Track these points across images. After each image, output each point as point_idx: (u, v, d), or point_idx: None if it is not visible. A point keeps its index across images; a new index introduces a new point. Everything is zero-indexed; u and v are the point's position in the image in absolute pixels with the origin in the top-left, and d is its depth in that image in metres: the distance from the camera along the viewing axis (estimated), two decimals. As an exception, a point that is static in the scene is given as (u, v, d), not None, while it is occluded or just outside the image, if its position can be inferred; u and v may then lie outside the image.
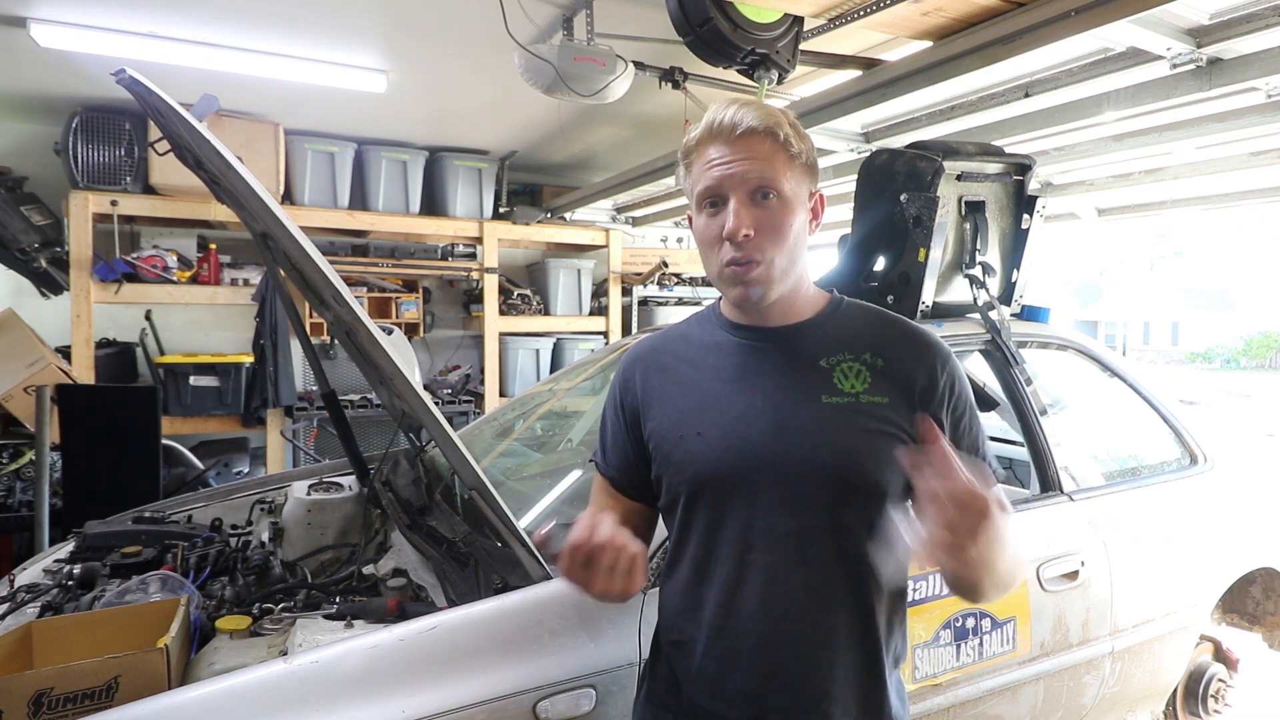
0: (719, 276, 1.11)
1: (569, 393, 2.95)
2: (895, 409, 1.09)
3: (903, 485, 1.08)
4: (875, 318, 1.19)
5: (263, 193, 1.49)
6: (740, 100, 1.09)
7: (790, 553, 1.07)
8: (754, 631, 1.08)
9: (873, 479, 1.07)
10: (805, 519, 1.07)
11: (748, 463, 1.08)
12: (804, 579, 1.07)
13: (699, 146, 1.10)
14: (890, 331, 1.16)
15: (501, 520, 1.46)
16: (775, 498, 1.07)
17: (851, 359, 1.11)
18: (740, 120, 1.06)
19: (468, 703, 1.29)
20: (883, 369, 1.11)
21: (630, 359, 1.26)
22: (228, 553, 1.97)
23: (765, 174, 1.06)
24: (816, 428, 1.07)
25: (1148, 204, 4.41)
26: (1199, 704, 2.54)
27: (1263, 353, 26.04)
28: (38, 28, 2.90)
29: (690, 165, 1.12)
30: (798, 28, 2.52)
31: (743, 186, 1.06)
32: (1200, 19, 2.19)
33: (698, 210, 1.12)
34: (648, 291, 5.70)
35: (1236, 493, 2.47)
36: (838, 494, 1.07)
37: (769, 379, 1.12)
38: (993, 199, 2.22)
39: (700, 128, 1.10)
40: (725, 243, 1.07)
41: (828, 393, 1.09)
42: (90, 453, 3.30)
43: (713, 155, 1.07)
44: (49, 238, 4.02)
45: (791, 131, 1.08)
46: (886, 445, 1.07)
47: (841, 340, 1.13)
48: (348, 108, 4.00)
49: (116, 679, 1.26)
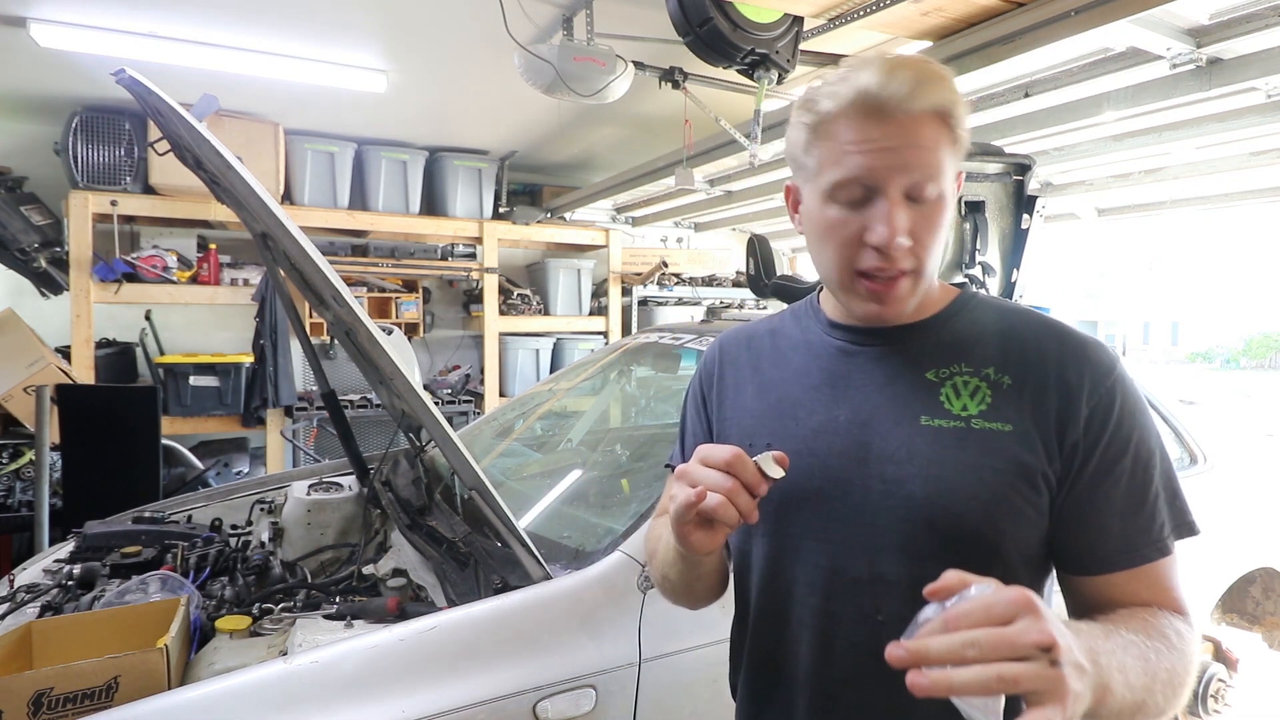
0: (845, 286, 0.89)
1: (569, 393, 2.95)
2: (1021, 440, 0.84)
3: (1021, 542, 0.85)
4: (1014, 321, 0.92)
5: (263, 193, 1.49)
6: (901, 63, 0.82)
7: (860, 604, 0.88)
8: (806, 689, 0.91)
9: (975, 530, 0.84)
10: (880, 566, 0.87)
11: (819, 488, 0.90)
12: (874, 637, 0.84)
13: (841, 118, 0.83)
14: (1028, 339, 0.89)
15: (501, 520, 1.46)
16: (846, 535, 0.88)
17: (969, 372, 0.88)
18: (912, 96, 0.80)
19: (468, 703, 1.29)
20: (1010, 387, 0.87)
21: (712, 352, 1.09)
22: (228, 553, 1.97)
23: (931, 167, 0.82)
24: (906, 456, 0.86)
25: (1148, 204, 4.41)
26: (1199, 704, 2.53)
27: (1263, 353, 26.05)
28: (38, 28, 2.90)
29: (818, 134, 0.85)
30: (798, 28, 2.52)
31: (903, 180, 0.82)
32: (1200, 19, 2.19)
33: (825, 197, 0.86)
34: (647, 291, 5.70)
35: (1236, 493, 2.47)
36: (926, 542, 0.85)
37: (860, 390, 0.91)
38: (993, 199, 2.22)
39: (847, 91, 0.82)
40: (867, 249, 0.84)
41: (929, 413, 0.87)
42: (90, 453, 3.30)
43: (866, 134, 0.82)
44: (49, 238, 4.02)
45: (962, 108, 0.85)
46: (1006, 486, 0.83)
47: (960, 347, 0.90)
48: (348, 108, 4.00)
49: (116, 679, 1.26)
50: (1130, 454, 0.85)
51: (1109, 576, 0.85)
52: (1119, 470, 0.85)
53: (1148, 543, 0.85)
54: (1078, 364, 0.86)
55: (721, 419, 1.02)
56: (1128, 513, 0.85)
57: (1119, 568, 0.85)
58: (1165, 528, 0.86)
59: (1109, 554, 0.85)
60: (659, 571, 1.02)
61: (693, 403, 1.09)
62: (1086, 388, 0.85)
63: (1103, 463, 0.84)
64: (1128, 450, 0.85)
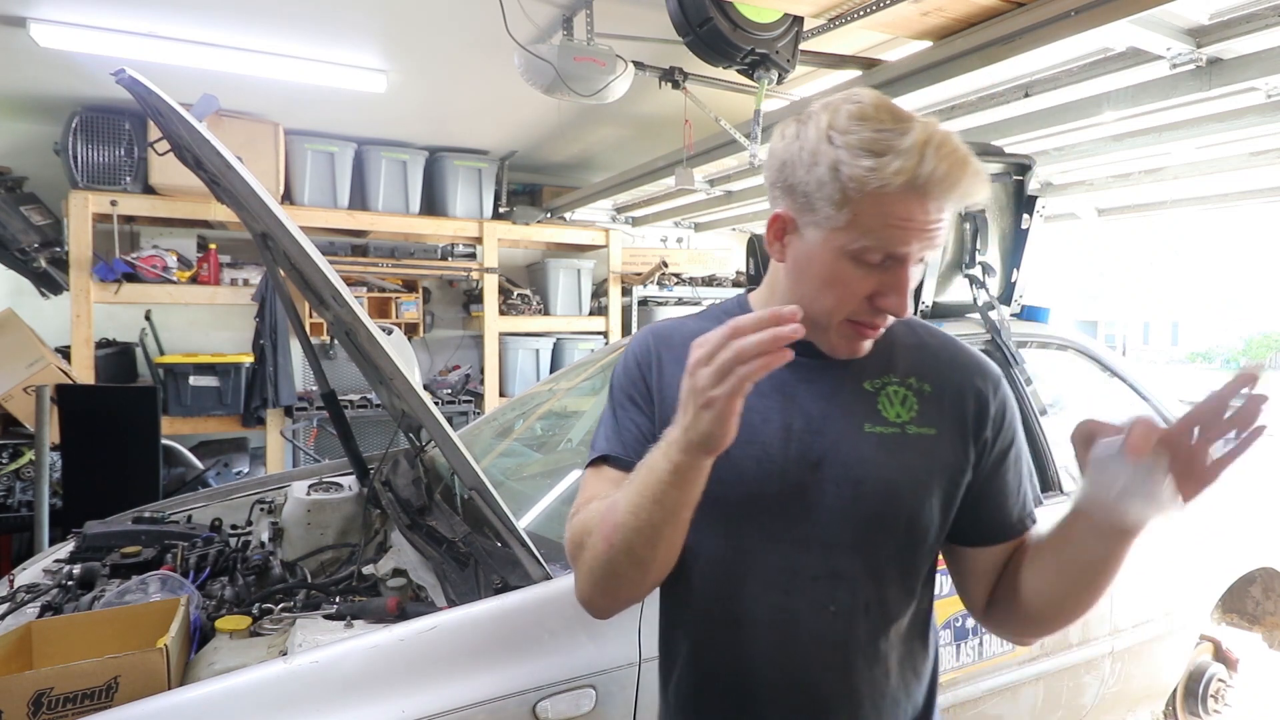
0: (826, 325, 0.94)
1: (569, 393, 2.95)
2: (943, 441, 0.98)
3: (940, 527, 1.00)
4: (925, 336, 1.06)
5: (263, 193, 1.49)
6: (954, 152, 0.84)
7: (813, 597, 0.96)
8: (767, 683, 0.97)
9: (919, 522, 0.97)
10: (834, 562, 0.95)
11: (776, 491, 0.95)
12: (829, 628, 0.95)
13: (904, 193, 0.84)
14: (939, 352, 1.04)
15: (501, 520, 1.46)
16: (801, 534, 0.96)
17: (898, 382, 1.00)
18: (965, 193, 0.86)
19: (468, 703, 1.29)
20: (931, 394, 1.00)
21: (645, 341, 1.08)
22: (228, 553, 1.97)
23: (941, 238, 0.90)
24: (856, 461, 0.95)
25: (1148, 204, 4.41)
26: (1199, 704, 2.54)
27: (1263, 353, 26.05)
28: (38, 28, 2.90)
29: (862, 197, 0.85)
30: (797, 28, 2.51)
31: (924, 252, 0.89)
32: (1200, 19, 2.19)
33: (844, 253, 0.89)
34: (647, 291, 5.70)
35: (1236, 492, 2.47)
36: (878, 537, 0.96)
37: (808, 399, 0.98)
38: (993, 199, 2.22)
39: (907, 176, 0.83)
40: (869, 304, 0.91)
41: (872, 421, 0.97)
42: (90, 453, 3.30)
43: (913, 215, 0.85)
44: (49, 238, 4.02)
45: None
46: (935, 483, 0.97)
47: (886, 359, 1.01)
48: (348, 108, 4.00)
49: (116, 679, 1.26)
50: (1015, 446, 1.04)
51: (1004, 544, 1.04)
52: (1009, 459, 1.03)
53: (1027, 515, 1.05)
54: (982, 374, 1.03)
55: (665, 415, 0.97)
56: (1015, 493, 1.04)
57: (1012, 537, 1.03)
58: (1032, 503, 1.07)
59: (1006, 526, 1.03)
60: (607, 544, 0.90)
61: (628, 391, 1.05)
62: (990, 393, 1.02)
63: (1000, 454, 1.02)
64: (1014, 443, 1.04)
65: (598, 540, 0.91)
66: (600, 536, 0.91)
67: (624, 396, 1.06)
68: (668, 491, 0.84)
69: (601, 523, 0.91)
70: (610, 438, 1.04)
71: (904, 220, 0.85)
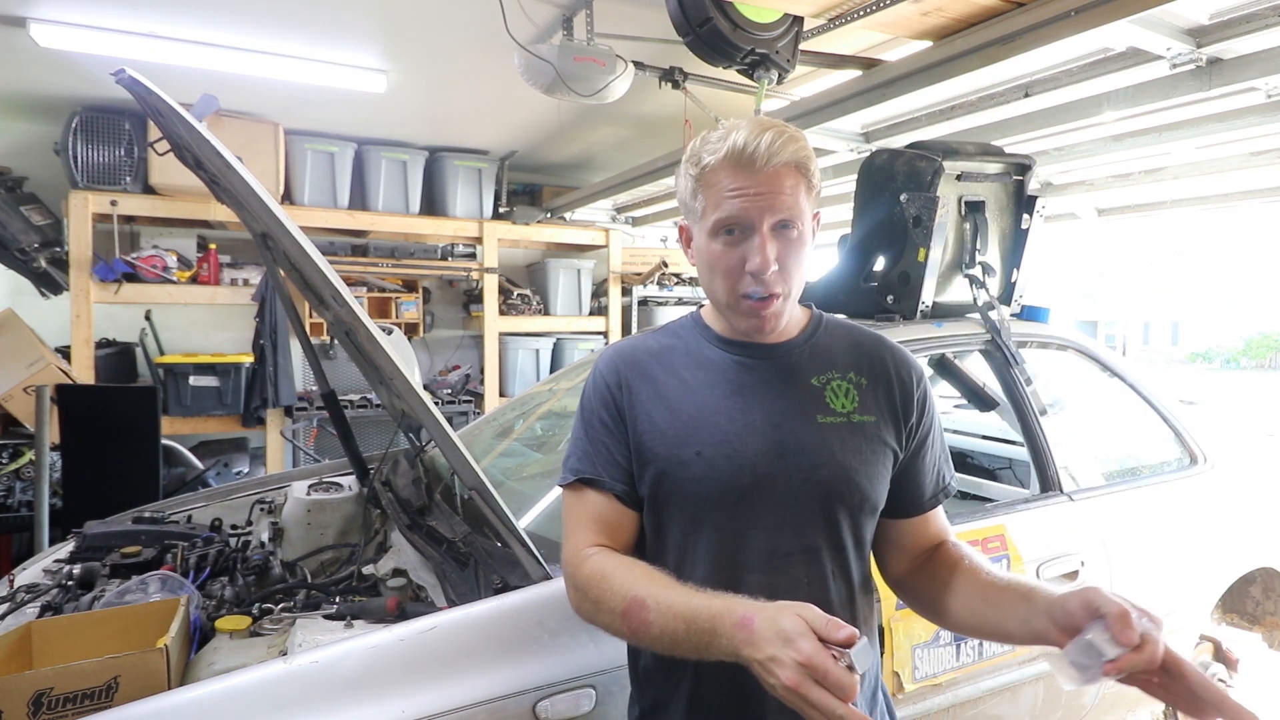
0: (732, 306, 1.09)
1: (569, 393, 2.95)
2: (881, 426, 1.13)
3: (883, 500, 1.15)
4: (855, 335, 1.22)
5: (263, 193, 1.49)
6: (766, 125, 1.03)
7: (791, 573, 1.08)
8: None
9: (869, 498, 1.11)
10: (806, 539, 1.08)
11: (750, 484, 1.07)
12: (806, 597, 0.98)
13: (719, 170, 1.04)
14: (869, 349, 1.19)
15: (501, 520, 1.46)
16: (776, 519, 1.08)
17: (839, 377, 1.14)
18: (773, 153, 1.01)
19: (468, 703, 1.29)
20: (867, 387, 1.15)
21: (612, 364, 1.19)
22: (227, 553, 1.97)
23: (792, 209, 1.04)
24: (814, 448, 1.08)
25: (1148, 204, 4.41)
26: (1199, 704, 2.53)
27: (1263, 353, 26.06)
28: (38, 28, 2.90)
29: (702, 183, 1.06)
30: (797, 28, 2.52)
31: (769, 219, 1.03)
32: (1200, 19, 2.19)
33: (710, 234, 1.07)
34: (647, 291, 5.71)
35: (1236, 492, 2.47)
36: (838, 513, 1.09)
37: (765, 398, 1.11)
38: (993, 199, 2.22)
39: (723, 150, 1.03)
40: (746, 275, 1.05)
41: (822, 412, 1.11)
42: (90, 453, 3.30)
43: (739, 184, 1.03)
44: (49, 238, 4.02)
45: (814, 163, 1.07)
46: (878, 463, 1.12)
47: (828, 357, 1.16)
48: (348, 108, 4.00)
49: (116, 679, 1.26)
50: (933, 429, 1.20)
51: (924, 516, 1.20)
52: (929, 441, 1.19)
53: (942, 489, 1.21)
54: (906, 367, 1.19)
55: (637, 432, 1.13)
56: (933, 470, 1.20)
57: (929, 509, 1.20)
58: (947, 479, 1.23)
59: (926, 499, 1.20)
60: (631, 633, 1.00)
61: (599, 413, 1.17)
62: (914, 382, 1.18)
63: (922, 436, 1.18)
64: (933, 426, 1.20)
65: (617, 621, 1.00)
66: (622, 621, 1.00)
67: (595, 419, 1.17)
68: (704, 652, 0.93)
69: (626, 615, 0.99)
70: (584, 459, 1.16)
71: (737, 189, 1.03)
